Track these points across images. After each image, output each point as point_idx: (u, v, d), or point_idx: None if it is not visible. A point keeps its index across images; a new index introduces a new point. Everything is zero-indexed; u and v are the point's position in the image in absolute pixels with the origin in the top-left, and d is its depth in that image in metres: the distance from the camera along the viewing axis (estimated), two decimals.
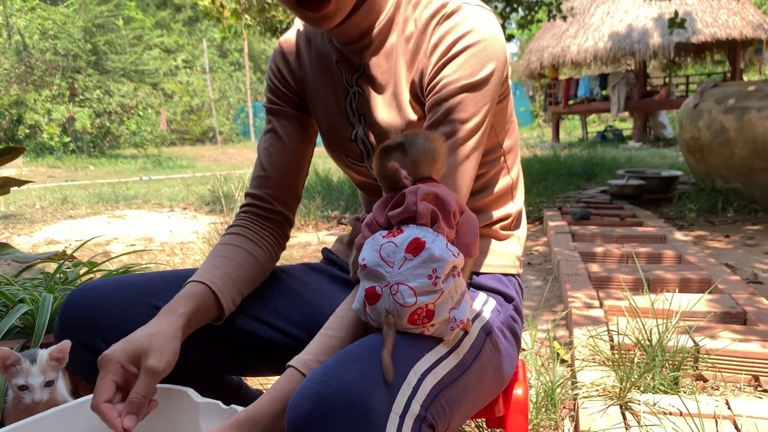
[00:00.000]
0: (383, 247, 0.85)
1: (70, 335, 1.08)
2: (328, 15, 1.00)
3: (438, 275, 0.82)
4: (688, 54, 15.25)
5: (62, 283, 1.58)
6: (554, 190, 6.42)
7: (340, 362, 0.80)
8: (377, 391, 0.76)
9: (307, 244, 4.65)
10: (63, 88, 17.99)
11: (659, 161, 9.57)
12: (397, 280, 0.83)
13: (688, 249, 3.57)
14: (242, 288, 1.13)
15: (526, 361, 2.07)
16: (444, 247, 0.84)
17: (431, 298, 0.82)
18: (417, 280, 0.82)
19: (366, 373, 0.78)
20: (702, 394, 1.87)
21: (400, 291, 0.82)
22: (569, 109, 15.30)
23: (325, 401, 0.74)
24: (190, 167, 13.74)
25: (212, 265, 1.10)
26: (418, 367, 0.84)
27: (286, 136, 1.22)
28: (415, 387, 0.81)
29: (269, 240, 1.21)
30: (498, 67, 1.03)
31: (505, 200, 1.22)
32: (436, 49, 1.04)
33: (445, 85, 1.02)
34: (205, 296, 1.05)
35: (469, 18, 1.03)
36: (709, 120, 5.07)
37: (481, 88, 1.02)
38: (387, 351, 0.80)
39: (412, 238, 0.84)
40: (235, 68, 26.93)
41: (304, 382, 0.79)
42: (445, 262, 0.82)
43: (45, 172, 12.81)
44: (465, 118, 1.02)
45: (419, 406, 0.80)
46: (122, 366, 0.91)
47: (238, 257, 1.14)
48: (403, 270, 0.83)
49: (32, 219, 6.36)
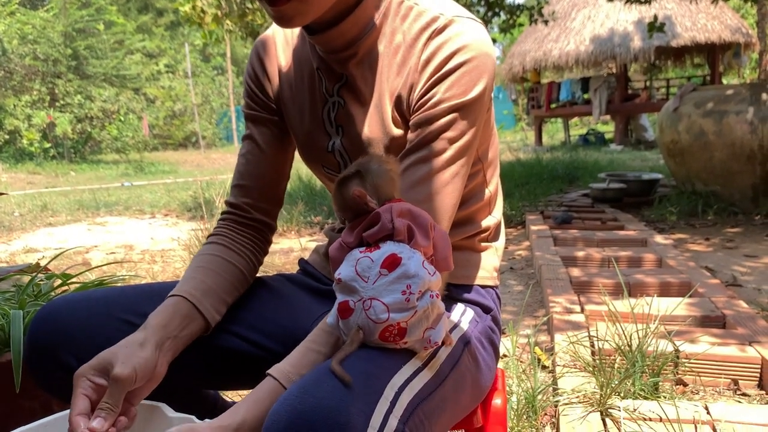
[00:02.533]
0: (359, 261, 0.84)
1: (39, 352, 1.05)
2: (285, 15, 0.96)
3: (412, 291, 0.81)
4: (668, 57, 15.43)
5: (35, 296, 1.55)
6: (536, 194, 6.45)
7: (316, 378, 0.78)
8: (354, 406, 0.75)
9: (290, 250, 4.63)
10: (43, 93, 17.82)
11: (640, 164, 9.66)
12: (371, 295, 0.82)
13: (668, 252, 3.60)
14: (223, 296, 1.11)
15: (507, 367, 2.07)
16: (420, 264, 0.83)
17: (404, 316, 0.81)
18: (391, 295, 0.81)
19: (343, 389, 0.76)
20: (682, 399, 1.88)
21: (372, 306, 0.81)
22: (551, 112, 15.40)
23: (301, 417, 0.73)
24: (172, 172, 13.65)
25: (190, 277, 1.09)
26: (394, 381, 0.83)
27: (264, 143, 1.20)
28: (393, 401, 0.80)
29: (249, 247, 1.20)
30: (488, 84, 1.02)
31: (483, 213, 1.21)
32: (428, 65, 1.01)
33: (436, 103, 1.00)
34: (181, 307, 1.03)
35: (461, 33, 1.00)
36: (689, 123, 5.12)
37: (473, 107, 1.01)
38: (336, 359, 0.79)
39: (388, 254, 0.83)
40: (217, 72, 26.83)
41: (280, 399, 0.77)
42: (419, 278, 0.81)
43: (25, 179, 12.66)
44: (455, 137, 1.01)
45: (397, 420, 0.79)
46: (89, 380, 0.91)
47: (215, 266, 1.13)
48: (378, 285, 0.82)
49: (10, 227, 6.28)
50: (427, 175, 1.00)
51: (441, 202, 1.01)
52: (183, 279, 1.10)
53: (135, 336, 0.97)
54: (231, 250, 1.17)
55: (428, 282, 0.83)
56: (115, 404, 0.90)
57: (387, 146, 1.09)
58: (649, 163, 9.62)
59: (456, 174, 1.02)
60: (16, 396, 1.31)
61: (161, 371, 0.98)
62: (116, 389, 0.90)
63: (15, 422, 1.01)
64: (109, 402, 0.89)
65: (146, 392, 0.97)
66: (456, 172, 1.02)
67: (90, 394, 0.90)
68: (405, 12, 1.06)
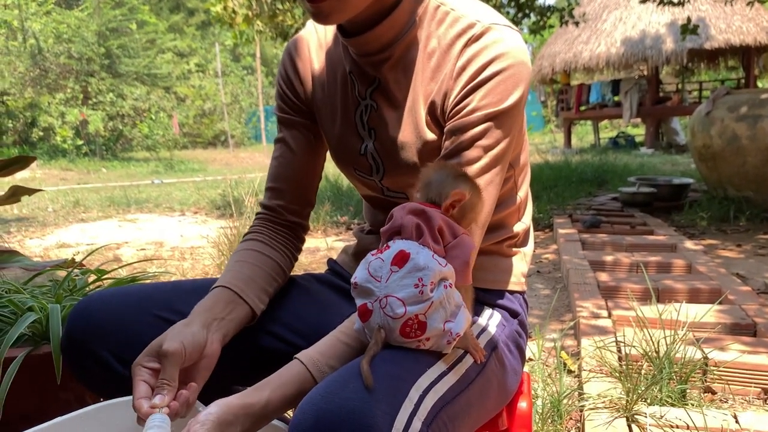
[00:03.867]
0: (371, 263, 0.86)
1: (75, 345, 1.08)
2: (323, 11, 0.97)
3: (424, 283, 0.82)
4: (701, 60, 15.18)
5: (71, 291, 1.60)
6: (565, 197, 6.40)
7: (342, 379, 0.80)
8: (379, 408, 0.76)
9: (316, 249, 4.66)
10: (76, 91, 18.16)
11: (671, 168, 9.52)
12: (385, 293, 0.83)
13: (698, 258, 3.55)
14: (264, 285, 1.13)
15: (532, 371, 2.07)
16: (429, 257, 0.84)
17: (420, 308, 0.82)
18: (404, 290, 0.82)
19: (367, 390, 0.78)
20: (710, 407, 1.86)
21: (389, 303, 0.82)
22: (581, 114, 15.25)
23: (326, 418, 0.75)
24: (201, 171, 13.81)
25: (229, 270, 1.13)
26: (420, 383, 0.84)
27: (296, 146, 1.22)
28: (417, 404, 0.81)
29: (284, 244, 1.23)
30: (524, 93, 1.02)
31: (513, 219, 1.21)
32: (464, 73, 1.01)
33: (472, 111, 1.00)
34: (224, 295, 1.07)
35: (498, 41, 1.00)
36: (722, 128, 5.04)
37: (508, 115, 1.01)
38: (365, 359, 0.81)
39: (397, 251, 0.85)
40: (247, 72, 27.07)
41: (306, 398, 0.79)
42: (430, 270, 0.82)
43: (58, 175, 12.92)
44: (490, 145, 1.01)
45: (420, 423, 0.80)
46: (145, 366, 0.93)
47: (254, 259, 1.16)
48: (390, 282, 0.83)
49: (44, 222, 6.42)
50: None
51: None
52: (223, 273, 1.13)
53: (180, 321, 1.00)
54: (267, 245, 1.19)
55: (440, 272, 0.84)
56: (170, 379, 0.92)
57: (419, 150, 1.09)
58: (680, 168, 9.48)
59: (490, 182, 1.02)
60: (53, 387, 1.35)
61: (214, 348, 1.00)
62: (168, 364, 0.92)
63: (51, 413, 1.04)
64: (165, 378, 0.92)
65: (205, 370, 0.99)
66: (490, 180, 1.02)
67: (148, 380, 0.93)
68: (441, 17, 1.06)
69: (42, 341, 1.43)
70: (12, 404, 1.33)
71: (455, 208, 0.91)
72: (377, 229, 1.30)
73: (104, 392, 1.08)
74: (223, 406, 0.84)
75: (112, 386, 1.06)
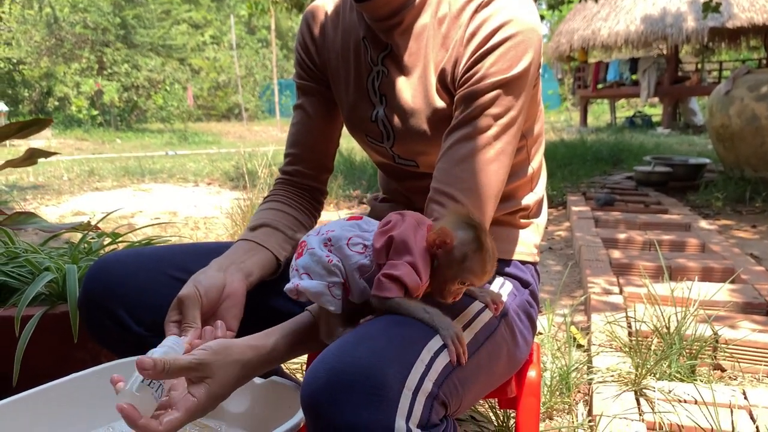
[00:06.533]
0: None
1: (92, 304, 1.10)
2: None
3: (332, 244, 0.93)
4: (722, 39, 14.87)
5: (86, 253, 1.62)
6: (579, 175, 6.36)
7: (354, 339, 0.81)
8: (391, 367, 0.77)
9: (328, 222, 4.67)
10: (92, 61, 18.17)
11: (688, 148, 9.42)
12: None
13: (712, 238, 3.53)
14: (285, 236, 1.15)
15: (542, 345, 2.08)
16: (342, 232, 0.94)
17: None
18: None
19: (380, 349, 0.79)
20: (719, 383, 1.86)
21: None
22: (598, 93, 15.07)
23: (339, 377, 0.76)
24: (215, 143, 13.82)
25: (249, 227, 1.16)
26: (431, 345, 0.84)
27: (314, 113, 1.24)
28: (428, 365, 0.82)
29: (304, 205, 1.25)
30: (534, 59, 1.01)
31: (525, 190, 1.21)
32: (473, 39, 1.01)
33: (481, 78, 1.00)
34: (242, 245, 1.10)
35: (506, 6, 0.99)
36: (741, 107, 4.97)
37: (518, 82, 1.00)
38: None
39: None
40: (262, 45, 26.92)
41: (319, 357, 0.80)
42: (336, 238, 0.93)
43: (73, 145, 12.99)
44: (500, 113, 1.00)
45: (432, 383, 0.81)
46: (171, 321, 0.97)
47: (274, 216, 1.18)
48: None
49: (60, 190, 6.47)
50: (471, 152, 1.00)
51: (486, 179, 1.00)
52: (245, 230, 1.16)
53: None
54: (288, 205, 1.22)
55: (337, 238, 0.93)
56: (191, 321, 0.95)
57: (429, 117, 1.09)
58: (696, 148, 9.37)
59: (501, 151, 1.01)
60: (69, 346, 1.38)
61: (235, 287, 1.01)
62: (186, 309, 0.95)
63: (67, 371, 1.07)
64: (186, 322, 0.95)
65: (235, 309, 1.01)
66: (501, 150, 1.01)
67: (176, 332, 0.95)
68: None
69: (58, 301, 1.45)
70: (29, 363, 1.36)
71: (439, 247, 0.87)
72: (391, 197, 1.31)
73: (119, 350, 1.10)
74: (229, 341, 0.87)
75: (127, 345, 1.08)
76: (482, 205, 1.01)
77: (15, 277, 1.50)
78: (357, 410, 0.74)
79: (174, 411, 0.81)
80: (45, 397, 1.01)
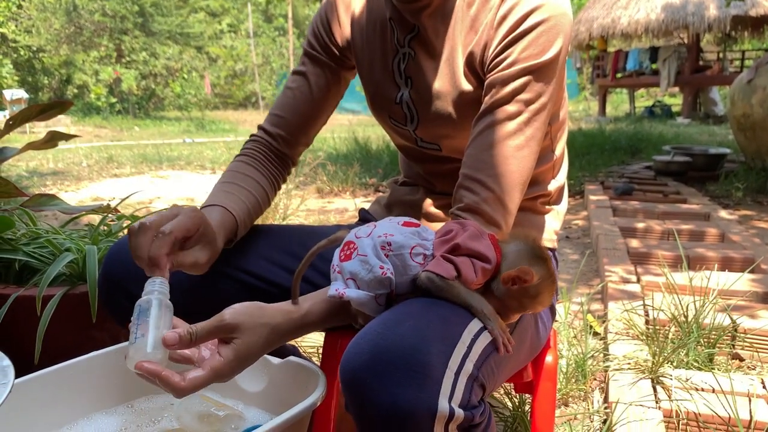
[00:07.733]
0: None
1: (112, 285, 1.12)
2: None
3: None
4: (745, 28, 14.62)
5: (106, 235, 1.64)
6: (597, 165, 6.31)
7: (396, 318, 0.80)
8: (434, 346, 0.77)
9: (344, 210, 4.68)
10: (110, 49, 18.31)
11: (708, 138, 9.30)
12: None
13: (732, 228, 3.49)
14: (250, 209, 1.13)
15: (558, 332, 2.07)
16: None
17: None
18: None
19: (423, 329, 0.78)
20: (737, 372, 1.84)
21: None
22: (617, 82, 14.92)
23: (382, 354, 0.75)
24: (232, 131, 13.87)
25: (214, 192, 1.13)
26: (471, 327, 0.84)
27: (315, 83, 1.21)
28: (469, 346, 0.81)
29: (273, 172, 1.23)
30: (564, 45, 1.00)
31: (547, 176, 1.20)
32: (504, 23, 0.99)
33: (512, 63, 0.98)
34: (217, 210, 1.07)
35: None
36: (763, 96, 4.90)
37: (549, 68, 0.99)
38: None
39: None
40: (279, 33, 26.92)
41: (361, 333, 0.80)
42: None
43: (92, 132, 13.09)
44: (530, 99, 0.99)
45: (473, 365, 0.80)
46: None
47: (239, 181, 1.16)
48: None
49: (79, 176, 6.53)
50: (501, 138, 0.99)
51: (515, 165, 0.99)
52: (210, 194, 1.12)
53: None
54: (256, 169, 1.19)
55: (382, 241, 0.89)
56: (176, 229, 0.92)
57: (455, 100, 1.08)
58: (717, 138, 9.26)
59: (531, 137, 1.00)
60: (88, 326, 1.40)
61: (197, 216, 0.95)
62: (158, 241, 0.91)
63: (86, 350, 1.08)
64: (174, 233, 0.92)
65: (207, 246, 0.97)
66: (531, 136, 1.00)
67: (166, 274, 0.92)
68: None
69: (78, 281, 1.47)
70: (49, 342, 1.38)
71: (516, 285, 0.87)
72: (411, 181, 1.30)
73: None
74: (261, 304, 0.88)
75: None
76: (511, 190, 1.00)
77: (37, 258, 1.52)
78: (400, 388, 0.73)
79: (199, 369, 0.82)
80: (65, 375, 1.03)
